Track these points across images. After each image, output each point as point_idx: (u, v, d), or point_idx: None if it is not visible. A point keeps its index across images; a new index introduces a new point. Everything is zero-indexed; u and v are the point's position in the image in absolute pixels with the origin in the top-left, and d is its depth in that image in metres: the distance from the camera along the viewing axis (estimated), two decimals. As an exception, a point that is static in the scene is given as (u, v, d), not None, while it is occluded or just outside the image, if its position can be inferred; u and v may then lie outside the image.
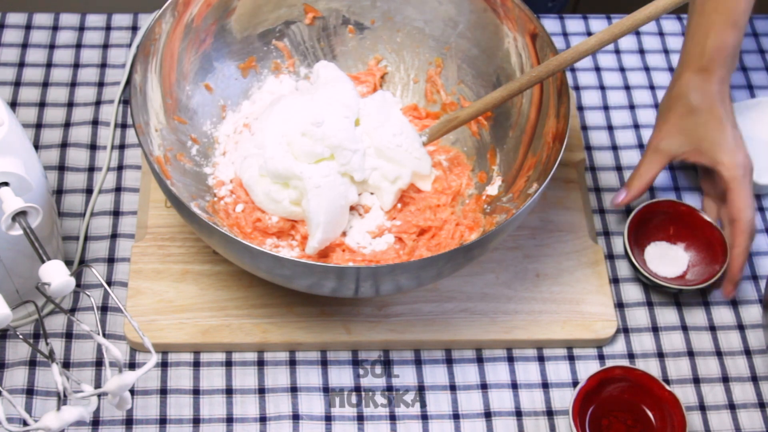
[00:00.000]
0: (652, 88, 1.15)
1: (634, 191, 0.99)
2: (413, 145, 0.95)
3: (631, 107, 1.13)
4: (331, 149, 0.92)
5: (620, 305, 1.00)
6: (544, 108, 0.94)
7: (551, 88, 0.93)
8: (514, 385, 0.94)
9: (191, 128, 0.98)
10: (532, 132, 0.96)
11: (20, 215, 0.78)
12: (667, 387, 0.89)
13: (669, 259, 0.99)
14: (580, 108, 1.13)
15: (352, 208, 0.96)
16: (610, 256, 1.03)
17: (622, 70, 1.16)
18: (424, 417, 0.92)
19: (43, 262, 0.73)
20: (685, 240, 1.00)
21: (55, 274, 0.72)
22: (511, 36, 0.97)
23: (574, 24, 1.19)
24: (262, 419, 0.91)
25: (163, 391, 0.92)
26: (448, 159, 1.01)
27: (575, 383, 0.95)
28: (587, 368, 0.96)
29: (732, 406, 0.95)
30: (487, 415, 0.93)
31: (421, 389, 0.94)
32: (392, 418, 0.92)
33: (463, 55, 1.02)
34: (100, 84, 1.11)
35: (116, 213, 1.02)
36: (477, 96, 1.02)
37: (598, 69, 1.16)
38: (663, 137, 0.99)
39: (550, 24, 1.19)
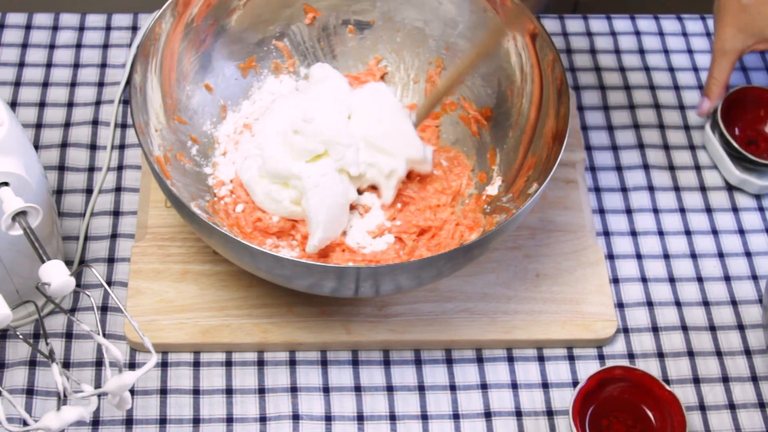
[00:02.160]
0: (652, 88, 1.15)
1: (715, 96, 1.06)
2: (402, 132, 0.95)
3: (631, 107, 1.13)
4: (325, 145, 0.92)
5: (620, 305, 1.00)
6: (544, 108, 0.94)
7: (551, 88, 0.93)
8: (514, 385, 0.94)
9: (191, 128, 0.98)
10: (532, 132, 0.96)
11: (20, 215, 0.78)
12: (667, 387, 0.89)
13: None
14: (580, 108, 1.13)
15: (352, 208, 0.96)
16: (610, 256, 1.03)
17: (622, 70, 1.16)
18: (424, 417, 0.92)
19: (43, 262, 0.73)
20: None
21: (55, 274, 0.72)
22: (510, 36, 0.97)
23: (574, 24, 1.19)
24: (262, 419, 0.91)
25: (163, 391, 0.92)
26: (448, 159, 1.01)
27: (575, 383, 0.95)
28: (587, 368, 0.96)
29: (732, 406, 0.95)
30: (487, 415, 0.93)
31: (421, 389, 0.94)
32: (392, 418, 0.92)
33: (463, 55, 1.02)
34: (100, 84, 1.11)
35: (116, 213, 1.02)
36: (477, 96, 1.02)
37: (598, 69, 1.16)
38: (726, 39, 1.03)
39: (550, 24, 1.19)
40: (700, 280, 1.02)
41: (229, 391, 0.93)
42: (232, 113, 1.02)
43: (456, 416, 0.92)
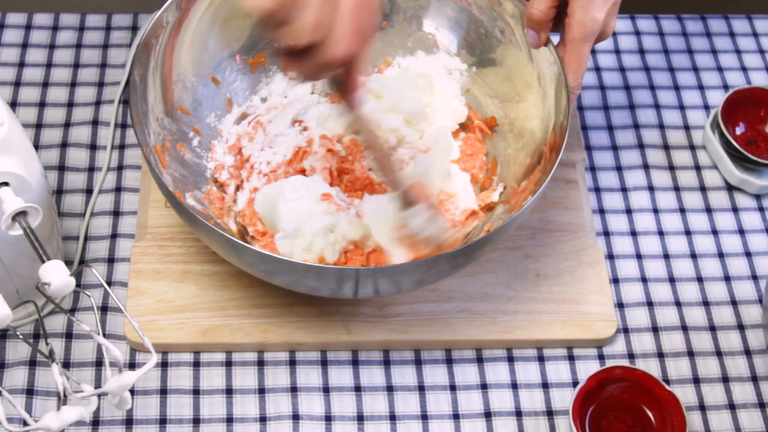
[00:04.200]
0: (652, 88, 1.15)
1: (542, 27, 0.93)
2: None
3: (631, 107, 1.13)
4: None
5: (620, 305, 1.00)
6: (546, 113, 0.94)
7: (551, 89, 0.93)
8: (514, 385, 0.94)
9: (194, 119, 0.97)
10: (532, 135, 0.96)
11: (20, 215, 0.78)
12: (667, 387, 0.89)
13: None
14: (580, 108, 1.13)
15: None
16: (610, 256, 1.03)
17: (622, 70, 1.16)
18: (424, 417, 0.92)
19: (43, 262, 0.73)
20: None
21: (55, 274, 0.72)
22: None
23: (574, 24, 1.19)
24: (262, 419, 0.91)
25: (163, 391, 0.92)
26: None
27: (575, 383, 0.95)
28: (587, 368, 0.96)
29: (732, 406, 0.95)
30: (487, 415, 0.93)
31: (421, 389, 0.94)
32: (392, 418, 0.92)
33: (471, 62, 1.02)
34: (100, 84, 1.11)
35: (116, 213, 1.02)
36: (480, 105, 1.02)
37: (598, 69, 1.16)
38: None
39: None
40: (700, 280, 1.02)
41: (229, 391, 0.93)
42: (237, 107, 1.01)
43: (456, 416, 0.92)
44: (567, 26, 0.89)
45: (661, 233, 1.05)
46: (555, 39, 0.93)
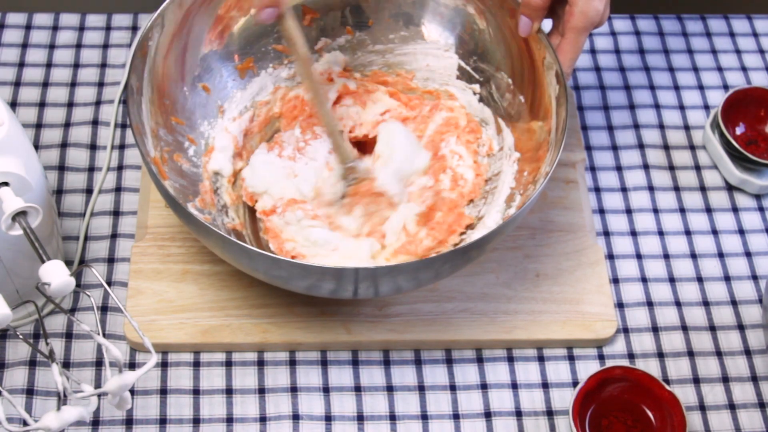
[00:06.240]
0: (652, 88, 1.15)
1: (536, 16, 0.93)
2: None
3: (631, 107, 1.13)
4: None
5: (620, 305, 1.00)
6: (543, 109, 0.94)
7: (550, 89, 0.93)
8: (514, 385, 0.94)
9: (188, 129, 0.98)
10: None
11: (20, 215, 0.78)
12: (667, 387, 0.89)
13: None
14: (580, 108, 1.13)
15: None
16: (610, 256, 1.03)
17: (622, 70, 1.16)
18: (424, 417, 0.92)
19: (43, 262, 0.73)
20: None
21: (55, 274, 0.72)
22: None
23: (574, 24, 1.19)
24: (262, 419, 0.91)
25: (163, 391, 0.92)
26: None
27: (575, 383, 0.95)
28: (587, 368, 0.96)
29: (732, 406, 0.95)
30: (487, 415, 0.93)
31: (421, 389, 0.94)
32: (392, 418, 0.92)
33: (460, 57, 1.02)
34: (100, 84, 1.11)
35: (116, 213, 1.02)
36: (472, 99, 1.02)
37: (598, 69, 1.16)
38: None
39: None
40: (700, 280, 1.02)
41: (229, 391, 0.93)
42: (229, 113, 1.01)
43: (456, 416, 0.92)
44: (568, 14, 0.89)
45: (661, 233, 1.05)
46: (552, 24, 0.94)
